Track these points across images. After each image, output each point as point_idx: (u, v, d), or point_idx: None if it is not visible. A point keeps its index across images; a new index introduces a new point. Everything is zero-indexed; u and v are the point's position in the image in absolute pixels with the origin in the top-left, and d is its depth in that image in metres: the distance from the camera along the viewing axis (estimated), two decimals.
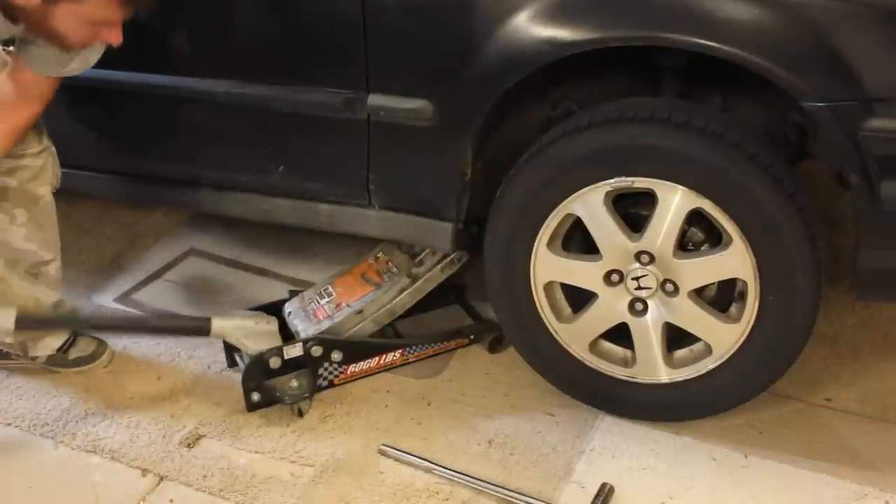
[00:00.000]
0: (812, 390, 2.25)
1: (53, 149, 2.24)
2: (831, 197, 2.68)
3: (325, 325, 2.32)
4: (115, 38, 1.97)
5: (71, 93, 2.13)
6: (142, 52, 2.23)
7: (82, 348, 2.42)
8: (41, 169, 2.22)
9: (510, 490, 2.00)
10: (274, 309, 2.39)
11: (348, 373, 2.32)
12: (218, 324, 2.24)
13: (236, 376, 2.36)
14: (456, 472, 2.05)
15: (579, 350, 2.14)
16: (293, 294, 2.47)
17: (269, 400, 2.25)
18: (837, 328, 2.43)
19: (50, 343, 2.37)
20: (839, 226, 2.58)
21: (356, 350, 2.31)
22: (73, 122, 2.43)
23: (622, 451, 2.11)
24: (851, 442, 2.11)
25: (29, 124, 2.12)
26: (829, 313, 2.44)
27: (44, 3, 1.87)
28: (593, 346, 2.15)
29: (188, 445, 2.17)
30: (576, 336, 2.14)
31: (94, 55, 2.07)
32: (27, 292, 2.28)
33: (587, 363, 2.15)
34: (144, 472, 2.11)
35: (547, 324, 2.15)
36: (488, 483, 2.02)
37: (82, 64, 2.07)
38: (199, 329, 2.25)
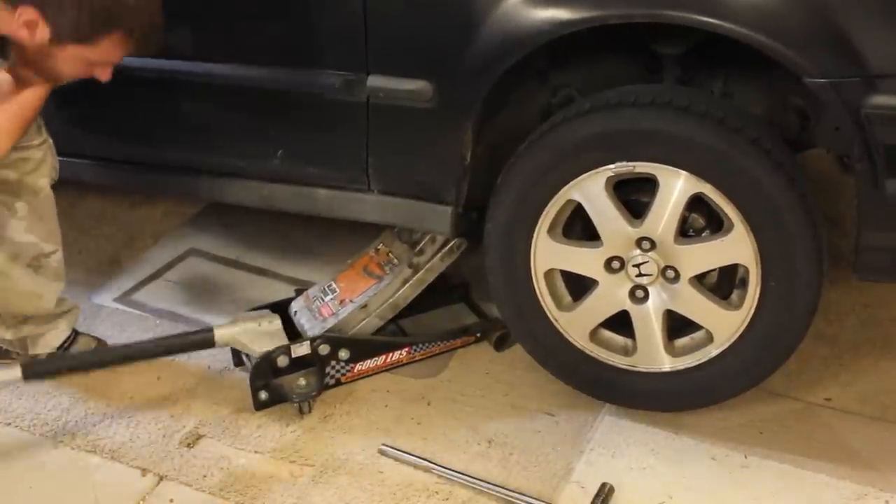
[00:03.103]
0: (812, 390, 2.25)
1: (51, 141, 2.24)
2: (831, 197, 2.69)
3: (331, 322, 2.32)
4: (106, 76, 2.03)
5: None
6: None
7: (82, 347, 2.42)
8: (41, 161, 2.22)
9: (510, 490, 2.00)
10: (279, 308, 2.39)
11: (355, 371, 2.32)
12: (220, 332, 2.24)
13: (236, 376, 2.37)
14: (455, 471, 2.05)
15: (579, 339, 2.14)
16: (299, 293, 2.47)
17: (277, 399, 2.25)
18: (837, 328, 2.43)
19: (50, 341, 2.38)
20: (839, 227, 2.59)
21: (363, 348, 2.31)
22: (70, 110, 2.42)
23: (622, 451, 2.11)
24: (851, 442, 2.11)
25: (37, 109, 2.11)
26: (828, 313, 2.45)
27: (51, 43, 1.90)
28: (594, 335, 2.14)
29: (188, 445, 2.17)
30: (576, 324, 2.14)
31: None
32: (29, 287, 2.28)
33: (587, 352, 2.15)
34: (144, 471, 2.11)
35: (547, 312, 2.14)
36: (488, 483, 2.02)
37: None
38: (203, 342, 2.25)
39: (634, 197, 2.02)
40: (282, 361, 2.22)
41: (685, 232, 2.02)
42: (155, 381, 2.38)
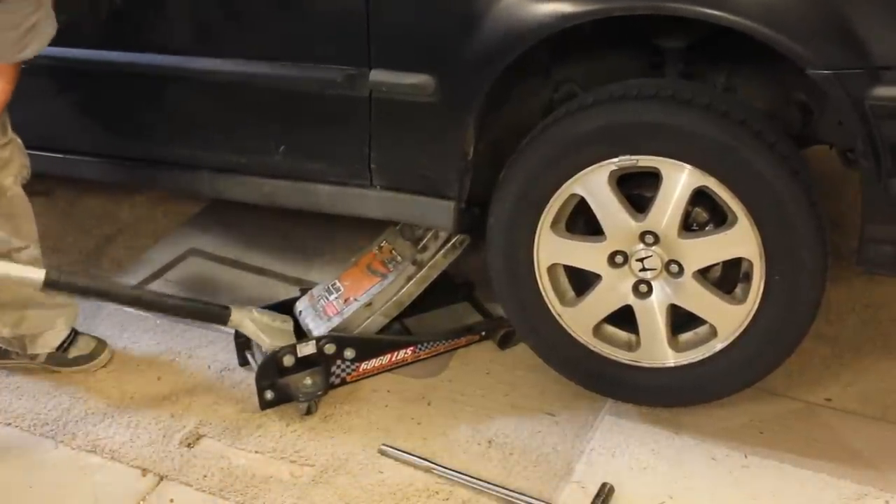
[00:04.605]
0: (812, 390, 2.24)
1: (19, 141, 2.23)
2: (831, 197, 2.68)
3: (336, 321, 2.32)
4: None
5: (68, 75, 2.12)
6: (140, 32, 2.21)
7: (82, 347, 2.42)
8: (7, 160, 2.21)
9: (510, 490, 2.00)
10: (284, 308, 2.39)
11: (361, 370, 2.32)
12: (237, 314, 2.25)
13: (236, 376, 2.37)
14: (456, 471, 2.05)
15: (583, 334, 2.14)
16: (303, 292, 2.47)
17: (283, 398, 2.25)
18: (837, 328, 2.43)
19: (49, 341, 2.37)
20: (839, 227, 2.58)
21: (369, 347, 2.32)
22: (70, 106, 2.42)
23: (622, 451, 2.11)
24: (851, 442, 2.11)
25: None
26: (829, 313, 2.44)
27: None
28: (597, 330, 2.14)
29: (188, 445, 2.17)
30: (579, 319, 2.13)
31: (47, 37, 2.06)
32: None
33: (590, 347, 2.15)
34: (144, 471, 2.11)
35: (550, 307, 2.14)
36: (488, 483, 2.02)
37: (39, 45, 2.06)
38: (219, 316, 2.26)
39: (637, 191, 2.02)
40: (287, 361, 2.22)
41: (689, 226, 2.02)
42: (155, 381, 2.38)
